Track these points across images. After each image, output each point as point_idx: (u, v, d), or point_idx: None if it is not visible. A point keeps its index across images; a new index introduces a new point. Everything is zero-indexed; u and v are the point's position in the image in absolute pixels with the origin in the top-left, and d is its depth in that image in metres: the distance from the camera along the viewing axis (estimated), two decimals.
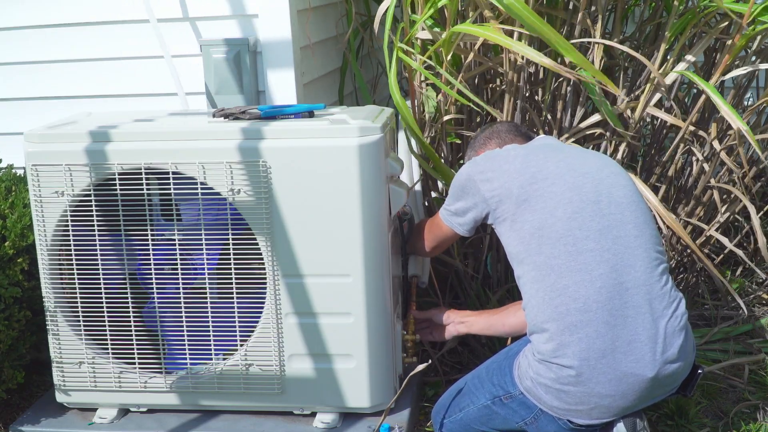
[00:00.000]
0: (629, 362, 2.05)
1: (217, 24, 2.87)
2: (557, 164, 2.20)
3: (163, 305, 2.41)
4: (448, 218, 2.40)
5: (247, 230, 2.33)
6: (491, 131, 2.52)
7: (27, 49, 3.02)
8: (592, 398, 2.08)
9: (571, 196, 2.13)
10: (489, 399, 2.27)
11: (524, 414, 2.20)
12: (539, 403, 2.15)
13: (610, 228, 2.11)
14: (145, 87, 2.99)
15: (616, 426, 2.12)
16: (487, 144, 2.49)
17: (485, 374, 2.32)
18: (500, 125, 2.54)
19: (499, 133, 2.49)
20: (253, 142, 2.28)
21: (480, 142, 2.52)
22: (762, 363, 2.90)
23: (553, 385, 2.10)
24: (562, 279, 2.09)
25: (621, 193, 2.17)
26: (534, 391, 2.15)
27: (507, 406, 2.23)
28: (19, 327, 2.59)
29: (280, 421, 2.48)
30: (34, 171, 2.35)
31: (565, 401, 2.10)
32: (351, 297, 2.35)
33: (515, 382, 2.21)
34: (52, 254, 2.41)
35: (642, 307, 2.07)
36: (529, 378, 2.15)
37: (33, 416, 2.56)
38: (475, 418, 2.31)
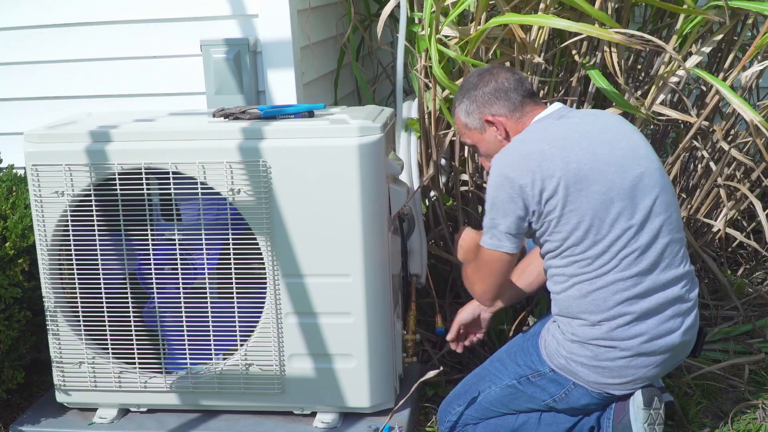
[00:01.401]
0: (666, 334, 2.17)
1: (217, 24, 2.87)
2: (595, 159, 2.14)
3: (163, 305, 2.41)
4: (492, 244, 2.21)
5: (247, 230, 2.33)
6: (496, 87, 2.29)
7: (27, 49, 3.02)
8: (633, 370, 2.18)
9: (613, 196, 2.13)
10: (514, 378, 2.30)
11: (554, 390, 2.26)
12: (574, 378, 2.22)
13: (647, 219, 2.15)
14: (145, 87, 2.99)
15: (634, 395, 2.21)
16: (493, 104, 2.29)
17: (506, 357, 2.36)
18: (504, 80, 2.30)
19: (507, 94, 2.28)
20: (253, 142, 2.28)
21: (483, 98, 2.30)
22: (762, 363, 2.90)
23: (590, 362, 2.18)
24: (608, 276, 2.15)
25: (651, 182, 2.18)
26: (569, 368, 2.22)
27: (535, 384, 2.28)
28: (19, 327, 2.59)
29: (280, 421, 2.48)
30: (34, 171, 2.35)
31: (604, 375, 2.19)
32: (351, 297, 2.35)
33: (543, 360, 2.27)
34: (52, 254, 2.41)
35: (671, 283, 2.18)
36: (562, 357, 2.21)
37: (33, 416, 2.57)
38: (496, 399, 2.32)
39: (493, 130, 2.31)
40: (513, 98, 2.29)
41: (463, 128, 2.38)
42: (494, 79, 2.31)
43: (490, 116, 2.30)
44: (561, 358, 2.22)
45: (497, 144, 2.31)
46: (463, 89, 2.36)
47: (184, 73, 2.93)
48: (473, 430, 2.36)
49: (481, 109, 2.31)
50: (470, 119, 2.34)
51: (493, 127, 2.30)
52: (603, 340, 2.15)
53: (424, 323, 3.08)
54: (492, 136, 2.32)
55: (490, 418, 2.34)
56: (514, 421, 2.33)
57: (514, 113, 2.29)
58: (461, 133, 2.41)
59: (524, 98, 2.29)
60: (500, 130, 2.30)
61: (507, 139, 2.29)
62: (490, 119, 2.30)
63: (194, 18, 2.89)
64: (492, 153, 2.29)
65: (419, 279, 2.81)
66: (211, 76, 2.85)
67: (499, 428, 2.34)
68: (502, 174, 2.16)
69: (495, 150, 2.28)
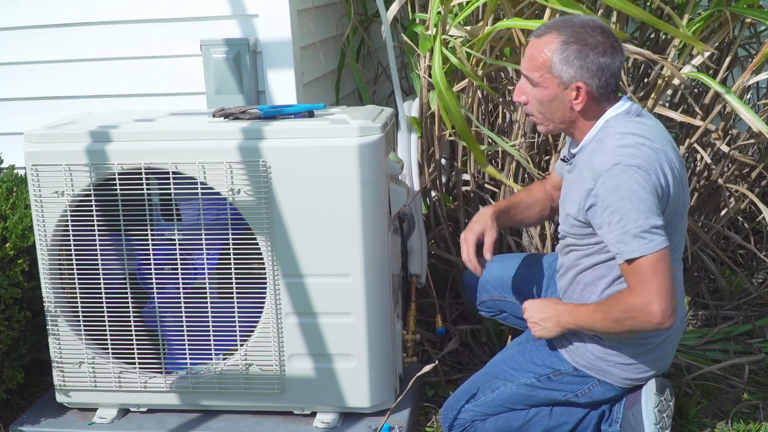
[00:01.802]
0: (682, 320, 2.28)
1: (217, 24, 2.87)
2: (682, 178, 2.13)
3: (163, 305, 2.41)
4: (657, 243, 2.02)
5: (247, 230, 2.33)
6: (608, 65, 2.07)
7: (27, 49, 3.02)
8: (661, 362, 2.25)
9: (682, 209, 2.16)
10: (533, 377, 2.29)
11: (576, 387, 2.27)
12: (601, 376, 2.24)
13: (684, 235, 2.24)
14: (145, 87, 2.99)
15: (648, 382, 2.25)
16: (594, 76, 2.08)
17: (520, 356, 2.34)
18: (618, 62, 2.10)
19: (610, 78, 2.09)
20: (253, 142, 2.28)
21: (592, 64, 2.07)
22: (762, 363, 2.90)
23: (626, 361, 2.21)
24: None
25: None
26: (599, 367, 2.23)
27: (556, 382, 2.28)
28: (19, 327, 2.59)
29: (280, 421, 2.48)
30: (34, 171, 2.35)
31: (635, 372, 2.23)
32: (351, 297, 2.35)
33: (564, 359, 2.28)
34: (52, 254, 2.41)
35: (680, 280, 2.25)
36: (593, 357, 2.23)
37: (33, 416, 2.57)
38: (511, 396, 2.31)
39: (572, 96, 2.10)
40: (611, 84, 2.10)
41: (544, 65, 2.10)
42: (612, 54, 2.07)
43: (584, 85, 2.08)
44: (589, 359, 2.23)
45: (564, 109, 2.13)
46: (576, 33, 2.07)
47: (184, 73, 2.93)
48: (482, 425, 2.34)
49: (582, 72, 2.07)
50: (563, 68, 2.07)
51: (574, 93, 2.10)
52: (642, 338, 2.18)
53: (424, 323, 3.08)
54: (566, 99, 2.11)
55: (499, 414, 2.34)
56: (525, 414, 2.32)
57: (602, 98, 2.11)
58: (535, 64, 2.12)
59: (616, 87, 2.14)
60: (581, 101, 2.10)
61: (581, 113, 2.12)
62: (581, 88, 2.08)
63: (194, 18, 2.89)
64: (548, 107, 2.13)
65: (419, 279, 2.82)
66: (211, 76, 2.85)
67: (511, 421, 2.33)
68: (640, 168, 2.00)
69: (551, 110, 2.13)
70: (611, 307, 2.08)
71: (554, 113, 2.15)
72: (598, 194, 2.04)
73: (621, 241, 2.00)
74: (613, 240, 2.02)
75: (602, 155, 2.06)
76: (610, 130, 2.10)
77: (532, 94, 2.15)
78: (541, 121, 2.20)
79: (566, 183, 2.25)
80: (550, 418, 2.32)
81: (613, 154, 2.03)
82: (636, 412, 2.23)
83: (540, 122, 2.20)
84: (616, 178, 2.00)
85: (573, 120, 2.15)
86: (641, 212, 1.98)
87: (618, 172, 2.00)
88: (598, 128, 2.14)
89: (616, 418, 2.30)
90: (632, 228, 1.99)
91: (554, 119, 2.16)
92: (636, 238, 1.98)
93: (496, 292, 2.60)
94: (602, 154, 2.06)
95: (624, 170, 2.00)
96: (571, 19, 2.12)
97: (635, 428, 2.23)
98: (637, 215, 1.98)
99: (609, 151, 2.05)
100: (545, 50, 2.09)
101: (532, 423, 2.32)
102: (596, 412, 2.33)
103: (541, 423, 2.32)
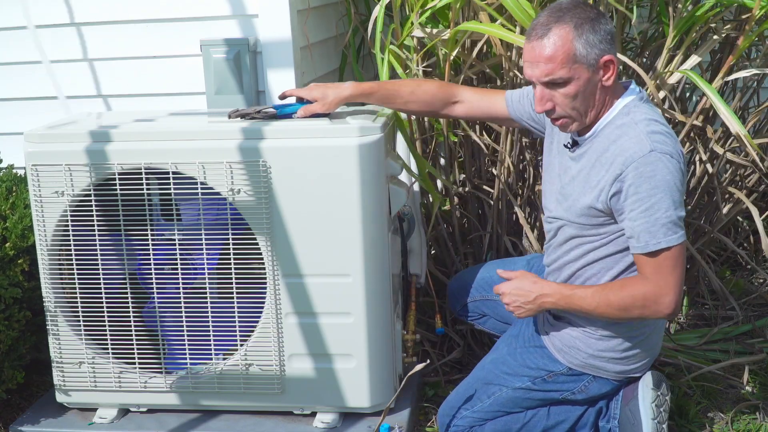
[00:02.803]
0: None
1: (217, 24, 2.87)
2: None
3: (163, 305, 2.41)
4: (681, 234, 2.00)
5: (247, 230, 2.33)
6: (611, 31, 2.03)
7: (27, 49, 3.02)
8: (653, 350, 2.27)
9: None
10: (528, 381, 2.30)
11: (572, 386, 2.28)
12: (596, 372, 2.26)
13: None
14: (145, 87, 2.99)
15: (644, 377, 2.27)
16: (612, 46, 2.04)
17: (512, 359, 2.34)
18: (610, 22, 2.05)
19: (614, 35, 2.06)
20: (253, 142, 2.28)
21: (608, 35, 2.03)
22: (762, 363, 2.90)
23: (618, 355, 2.23)
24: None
25: None
26: (593, 364, 2.24)
27: (551, 383, 2.29)
28: (19, 327, 2.59)
29: (280, 421, 2.48)
30: (34, 171, 2.35)
31: (628, 363, 2.25)
32: (351, 297, 2.35)
33: (556, 359, 2.28)
34: (52, 254, 2.41)
35: None
36: (586, 354, 2.23)
37: (33, 416, 2.57)
38: (507, 401, 2.31)
39: (601, 74, 2.04)
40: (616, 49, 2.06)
41: (569, 57, 2.01)
42: (607, 19, 2.04)
43: (610, 56, 2.02)
44: (582, 357, 2.24)
45: (595, 91, 2.05)
46: (579, 14, 2.01)
47: (184, 73, 2.93)
48: (480, 430, 2.34)
49: (603, 46, 2.01)
50: (588, 51, 2.00)
51: (604, 70, 2.04)
52: (634, 329, 2.20)
53: (424, 323, 3.08)
54: (597, 80, 2.04)
55: (497, 418, 2.34)
56: (524, 416, 2.33)
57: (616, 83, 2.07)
58: (559, 61, 2.01)
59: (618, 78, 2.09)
60: (611, 77, 2.04)
61: (607, 91, 2.06)
62: (612, 59, 2.02)
63: (194, 18, 2.89)
64: (581, 98, 2.05)
65: (419, 279, 2.82)
66: (211, 76, 2.85)
67: (509, 424, 2.33)
68: (679, 158, 1.96)
69: (586, 100, 2.05)
70: (619, 293, 2.05)
71: (588, 102, 2.07)
72: (626, 179, 1.98)
73: (647, 231, 1.97)
74: (639, 229, 1.98)
75: (632, 141, 1.99)
76: (635, 116, 2.04)
77: (561, 94, 2.05)
78: (575, 118, 2.10)
79: (569, 171, 2.18)
80: (548, 418, 2.32)
81: (647, 140, 1.98)
82: (633, 407, 2.24)
83: (574, 120, 2.10)
84: (652, 165, 1.96)
85: (603, 102, 2.08)
86: (671, 203, 1.96)
87: (654, 159, 1.96)
88: (615, 112, 2.08)
89: (614, 414, 2.30)
90: (662, 217, 1.96)
91: (588, 109, 2.08)
92: (664, 228, 1.96)
93: (477, 293, 2.61)
94: (632, 139, 2.00)
95: (660, 158, 1.96)
96: (560, 6, 2.05)
97: (633, 423, 2.23)
98: (668, 206, 1.96)
99: (641, 136, 1.99)
100: (563, 44, 2.00)
101: (531, 424, 2.32)
102: (594, 408, 2.33)
103: (539, 423, 2.32)
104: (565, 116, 2.10)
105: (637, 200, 1.98)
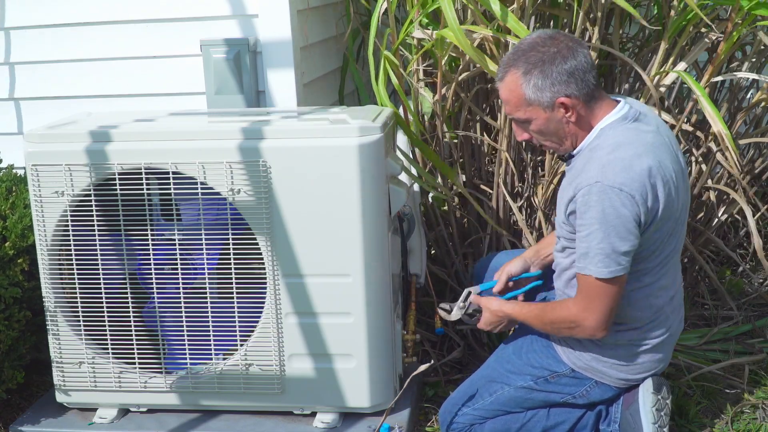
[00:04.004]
0: (679, 323, 2.32)
1: (217, 24, 2.87)
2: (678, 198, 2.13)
3: (163, 305, 2.41)
4: (614, 270, 2.05)
5: (247, 230, 2.33)
6: (575, 66, 2.07)
7: (27, 49, 3.02)
8: (655, 363, 2.27)
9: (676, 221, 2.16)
10: (530, 380, 2.31)
11: (573, 390, 2.29)
12: (597, 377, 2.26)
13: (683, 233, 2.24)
14: (145, 87, 2.99)
15: (645, 381, 2.27)
16: (570, 84, 2.07)
17: (515, 358, 2.35)
18: (583, 58, 2.08)
19: (585, 75, 2.08)
20: (253, 142, 2.28)
21: (561, 77, 2.07)
22: (762, 363, 2.90)
23: (620, 362, 2.23)
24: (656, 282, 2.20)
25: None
26: (595, 368, 2.25)
27: (553, 384, 2.30)
28: (19, 327, 2.59)
29: (280, 421, 2.48)
30: (34, 171, 2.35)
31: (631, 372, 2.25)
32: (351, 297, 2.35)
33: (561, 361, 2.29)
34: (52, 254, 2.41)
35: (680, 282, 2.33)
36: (589, 358, 2.24)
37: (33, 416, 2.57)
38: (509, 399, 2.32)
39: (562, 112, 2.11)
40: (589, 81, 2.09)
41: (521, 101, 2.12)
42: (573, 55, 2.07)
43: (566, 99, 2.08)
44: (586, 359, 2.25)
45: (561, 126, 2.13)
46: (530, 59, 2.09)
47: (184, 73, 2.93)
48: (480, 428, 2.35)
49: (557, 88, 2.08)
50: (538, 96, 2.09)
51: (562, 109, 2.10)
52: (639, 340, 2.22)
53: (424, 323, 3.08)
54: (558, 117, 2.12)
55: (497, 417, 2.35)
56: (524, 416, 2.34)
57: (588, 98, 2.11)
58: (513, 104, 2.15)
59: (597, 82, 2.13)
60: (572, 114, 2.11)
61: (576, 124, 2.13)
62: (565, 102, 2.09)
63: (194, 18, 2.89)
64: (548, 132, 2.15)
65: (419, 279, 2.82)
66: (211, 76, 2.85)
67: (509, 424, 2.34)
68: (622, 190, 2.00)
69: (553, 131, 2.15)
70: (551, 314, 2.19)
71: (558, 133, 2.16)
72: (577, 203, 2.07)
73: (583, 254, 2.06)
74: (579, 251, 2.08)
75: (590, 167, 2.07)
76: (603, 141, 2.10)
77: (530, 129, 2.18)
78: (555, 146, 2.21)
79: (563, 182, 2.24)
80: (548, 419, 2.33)
81: (598, 170, 2.03)
82: (634, 411, 2.24)
83: (554, 148, 2.22)
84: (594, 196, 2.01)
85: (575, 133, 2.15)
86: (605, 236, 2.01)
87: (597, 191, 2.01)
88: (593, 135, 2.14)
89: (614, 418, 2.30)
90: (594, 248, 2.03)
91: (562, 139, 2.17)
92: (595, 259, 2.03)
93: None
94: (591, 165, 2.07)
95: (604, 190, 2.00)
96: (520, 46, 2.13)
97: (634, 428, 2.24)
98: (601, 238, 2.02)
99: (596, 163, 2.05)
100: (513, 89, 2.12)
101: (531, 424, 2.33)
102: (593, 411, 2.33)
103: (539, 424, 2.32)
104: (543, 144, 2.22)
105: (582, 225, 2.06)
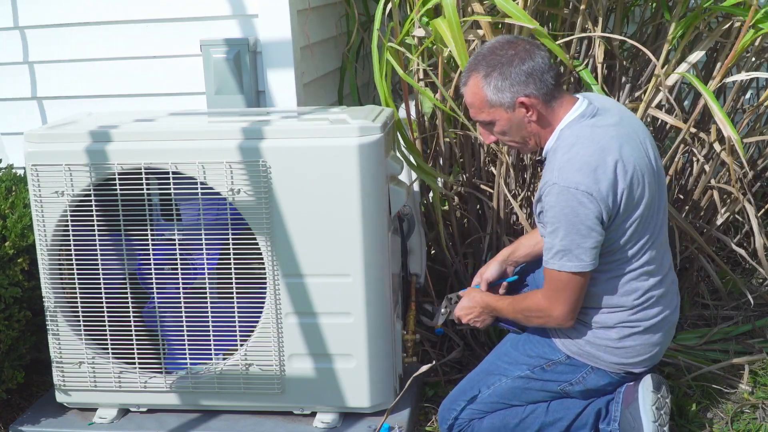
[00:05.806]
0: (674, 310, 2.33)
1: (217, 24, 2.87)
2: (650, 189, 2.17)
3: (163, 305, 2.41)
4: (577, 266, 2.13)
5: (247, 230, 2.33)
6: (533, 67, 2.14)
7: (27, 49, 3.02)
8: (651, 347, 2.27)
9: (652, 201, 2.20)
10: (527, 369, 2.33)
11: (569, 376, 2.31)
12: (593, 362, 2.28)
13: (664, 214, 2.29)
14: (145, 87, 2.99)
15: (644, 379, 2.29)
16: (529, 84, 2.14)
17: (513, 350, 2.38)
18: (540, 59, 2.16)
19: (543, 76, 2.15)
20: (253, 142, 2.28)
21: (519, 77, 2.14)
22: (762, 363, 2.90)
23: (614, 344, 2.25)
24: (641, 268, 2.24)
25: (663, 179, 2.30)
26: (590, 352, 2.27)
27: (550, 372, 2.31)
28: (19, 327, 2.59)
29: (280, 421, 2.48)
30: (34, 171, 2.35)
31: (625, 356, 2.26)
32: (351, 297, 2.35)
33: (556, 348, 2.30)
34: (52, 254, 2.41)
35: (671, 266, 2.36)
36: (584, 342, 2.26)
37: (33, 416, 2.57)
38: (506, 391, 2.34)
39: (523, 112, 2.17)
40: (547, 81, 2.16)
41: (484, 103, 2.20)
42: (530, 57, 2.15)
43: (525, 98, 2.15)
44: (580, 344, 2.27)
45: (523, 126, 2.20)
46: (490, 62, 2.17)
47: (184, 73, 2.93)
48: (479, 424, 2.36)
49: (516, 88, 2.15)
50: (499, 96, 2.17)
51: (523, 109, 2.17)
52: (630, 322, 2.23)
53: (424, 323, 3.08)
54: (520, 117, 2.18)
55: (496, 411, 2.35)
56: (522, 411, 2.35)
57: (548, 98, 2.17)
58: (477, 107, 2.23)
59: (556, 82, 2.19)
60: (533, 113, 2.17)
61: (538, 123, 2.19)
62: (525, 102, 2.16)
63: (194, 18, 2.89)
64: (512, 133, 2.22)
65: (419, 279, 2.82)
66: (211, 76, 2.85)
67: (508, 419, 2.35)
68: (578, 189, 2.07)
69: (517, 131, 2.21)
70: (522, 303, 2.30)
71: (521, 133, 2.23)
72: (543, 204, 2.16)
73: (548, 248, 2.15)
74: (545, 246, 2.17)
75: (550, 169, 2.14)
76: (561, 141, 2.17)
77: (494, 131, 2.26)
78: (519, 146, 2.29)
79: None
80: (547, 414, 2.34)
81: (556, 171, 2.11)
82: (634, 410, 2.25)
83: (519, 148, 2.31)
84: (554, 197, 2.10)
85: (537, 132, 2.22)
86: (567, 234, 2.09)
87: (556, 192, 2.09)
88: (554, 138, 2.20)
89: (614, 417, 2.31)
90: (557, 244, 2.12)
91: (526, 138, 2.24)
92: (559, 254, 2.12)
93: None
94: (551, 167, 2.15)
95: (560, 191, 2.08)
96: (480, 52, 2.22)
97: (634, 426, 2.24)
98: (563, 236, 2.10)
99: (555, 165, 2.13)
100: (476, 92, 2.20)
101: (529, 419, 2.34)
102: (593, 409, 2.34)
103: (538, 419, 2.34)
104: (509, 145, 2.31)
105: (547, 223, 2.15)
